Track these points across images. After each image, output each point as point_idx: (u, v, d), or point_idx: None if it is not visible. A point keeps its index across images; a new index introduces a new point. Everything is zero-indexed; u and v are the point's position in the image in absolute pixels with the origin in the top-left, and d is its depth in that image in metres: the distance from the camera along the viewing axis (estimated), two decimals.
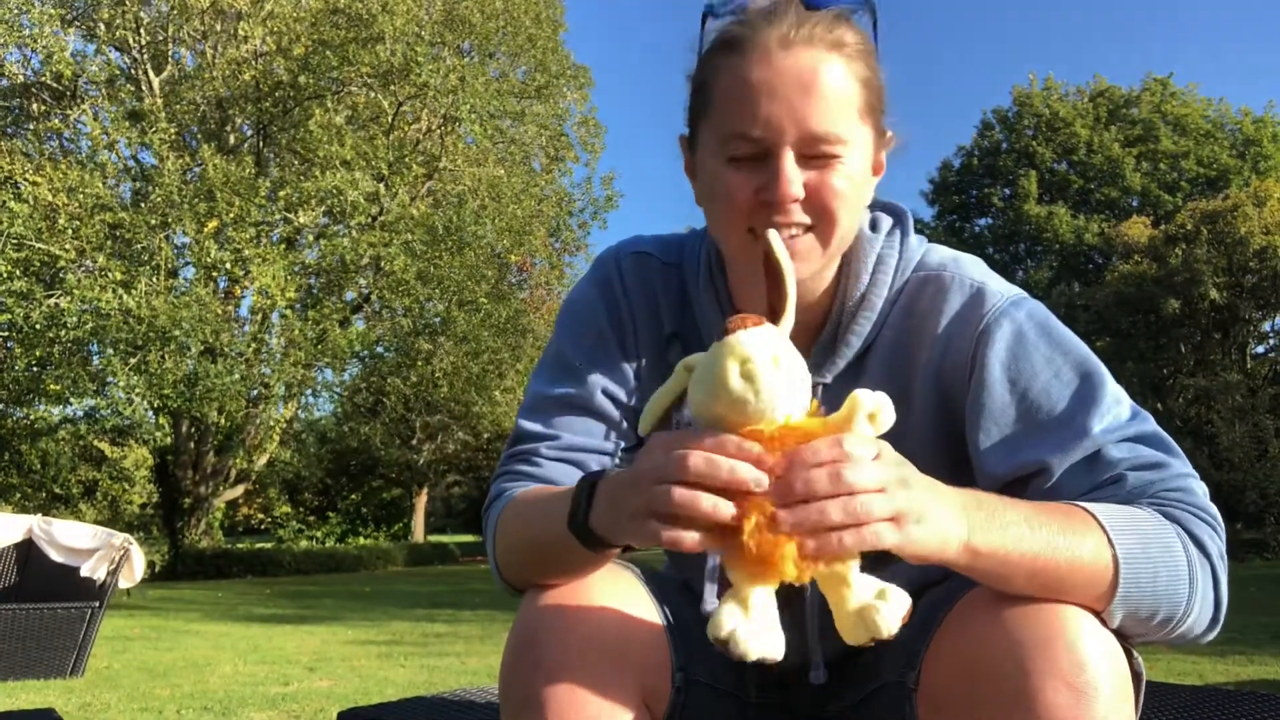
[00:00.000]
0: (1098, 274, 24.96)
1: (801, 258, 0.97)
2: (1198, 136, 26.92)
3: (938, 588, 1.02)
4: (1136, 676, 0.86)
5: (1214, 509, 0.92)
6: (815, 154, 0.95)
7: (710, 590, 1.10)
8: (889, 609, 0.76)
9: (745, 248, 0.99)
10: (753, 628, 0.76)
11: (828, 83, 0.94)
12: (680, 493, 0.74)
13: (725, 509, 0.73)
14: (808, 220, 0.97)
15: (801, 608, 1.09)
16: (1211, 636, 0.92)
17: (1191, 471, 0.94)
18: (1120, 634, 0.86)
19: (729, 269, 1.09)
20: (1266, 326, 21.82)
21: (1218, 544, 0.90)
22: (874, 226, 1.09)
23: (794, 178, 0.94)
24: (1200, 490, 0.93)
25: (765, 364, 0.75)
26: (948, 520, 0.80)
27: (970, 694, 0.84)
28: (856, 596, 0.77)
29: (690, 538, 0.74)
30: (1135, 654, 0.88)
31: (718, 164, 0.98)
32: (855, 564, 0.77)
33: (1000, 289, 1.03)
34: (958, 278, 1.04)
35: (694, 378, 0.80)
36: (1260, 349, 22.47)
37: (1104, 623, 0.84)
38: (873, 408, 0.77)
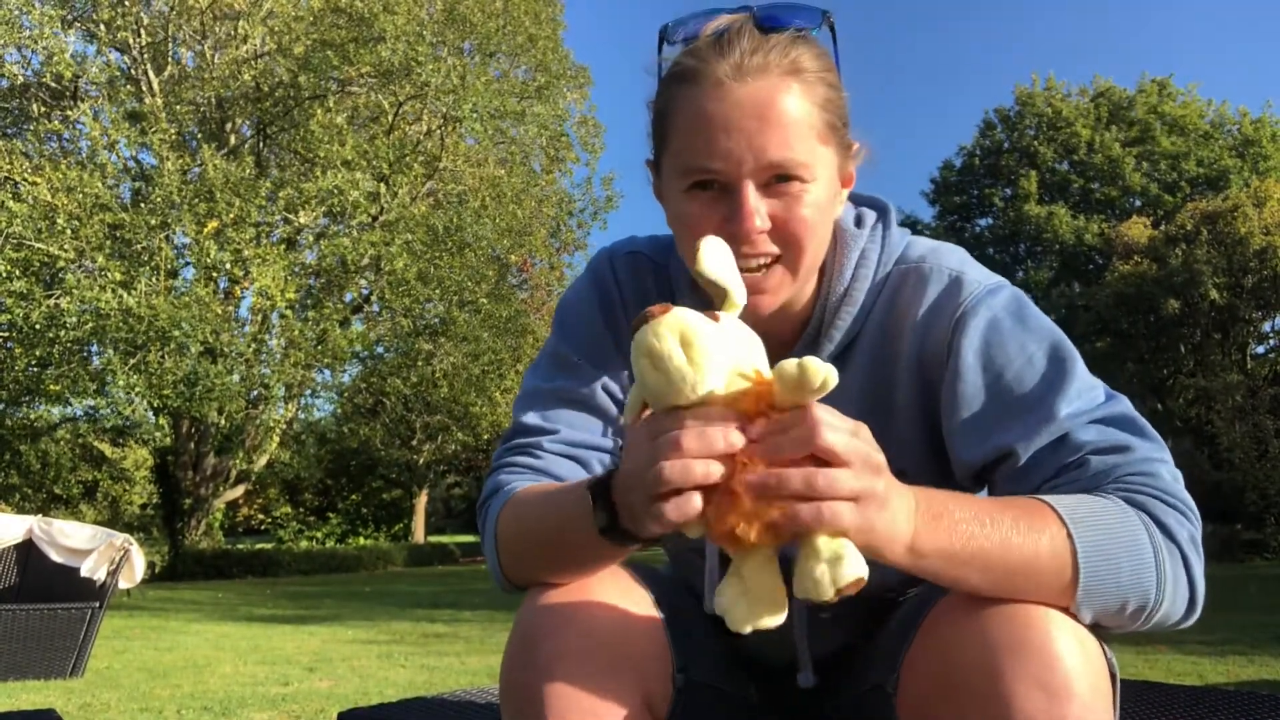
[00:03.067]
0: (1098, 274, 24.95)
1: (772, 290, 0.98)
2: (1197, 137, 26.91)
3: (920, 589, 1.02)
4: (1111, 675, 0.85)
5: (1183, 493, 0.91)
6: (777, 182, 0.95)
7: (708, 594, 1.10)
8: (828, 575, 0.74)
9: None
10: (749, 599, 0.78)
11: (785, 111, 0.93)
12: (671, 466, 0.75)
13: (716, 469, 0.75)
14: (776, 250, 0.97)
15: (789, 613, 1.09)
16: (1190, 623, 0.91)
17: (1160, 455, 0.93)
18: (1095, 628, 0.86)
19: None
20: (1266, 327, 21.82)
21: (1187, 528, 0.88)
22: (858, 222, 1.10)
23: (756, 210, 0.94)
24: (1168, 474, 0.92)
25: (670, 348, 0.77)
26: (900, 518, 0.79)
27: (946, 698, 0.84)
28: (814, 554, 0.75)
29: (694, 505, 0.75)
30: (1107, 651, 0.87)
31: (682, 199, 0.98)
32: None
33: (977, 277, 1.03)
34: (936, 268, 1.04)
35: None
36: (1260, 349, 22.47)
37: (1077, 620, 0.84)
38: (794, 373, 0.75)
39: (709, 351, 0.77)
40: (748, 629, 0.78)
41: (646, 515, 0.79)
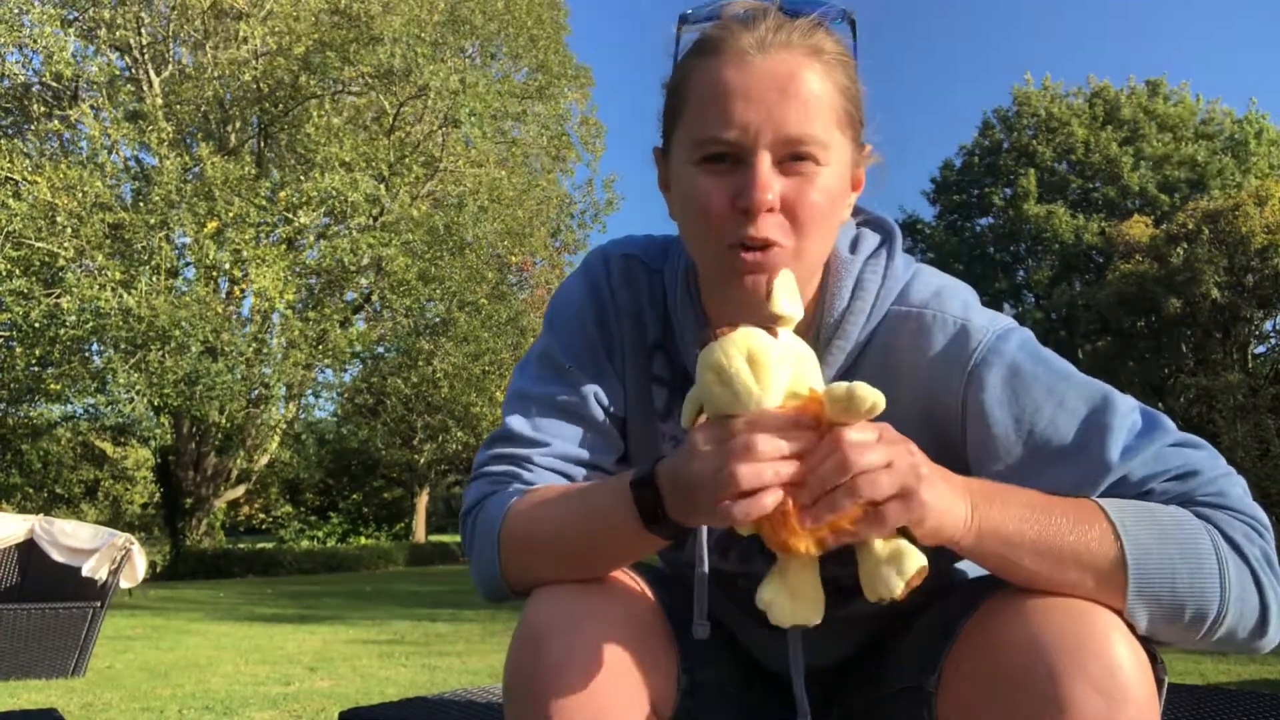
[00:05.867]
0: (1098, 273, 24.94)
1: (775, 269, 0.95)
2: (1189, 136, 26.89)
3: (958, 592, 1.00)
4: (1159, 683, 0.84)
5: (1255, 509, 0.88)
6: (792, 159, 0.93)
7: (699, 621, 1.07)
8: (893, 572, 0.79)
9: (720, 260, 0.96)
10: (790, 597, 0.83)
11: (807, 86, 0.92)
12: (746, 469, 0.78)
13: (786, 469, 0.79)
14: (782, 233, 0.94)
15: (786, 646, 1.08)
16: (1265, 645, 0.88)
17: (1225, 470, 0.90)
18: (1154, 638, 0.85)
19: (701, 279, 1.06)
20: (1268, 326, 21.77)
21: (1259, 545, 0.86)
22: (854, 247, 1.05)
23: (769, 183, 0.92)
24: (1236, 491, 0.89)
25: (739, 366, 0.81)
26: (954, 495, 0.81)
27: (995, 699, 0.83)
28: (873, 558, 0.81)
29: (763, 505, 0.78)
30: (1160, 660, 0.86)
31: (691, 169, 0.95)
32: None
33: (985, 324, 0.98)
34: (939, 316, 0.99)
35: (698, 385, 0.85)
36: (1261, 349, 22.43)
37: (1132, 627, 0.83)
38: (842, 395, 0.79)
39: (773, 370, 0.81)
40: (788, 625, 0.83)
41: (712, 513, 0.81)
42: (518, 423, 1.08)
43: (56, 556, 5.51)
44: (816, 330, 1.02)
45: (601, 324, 1.11)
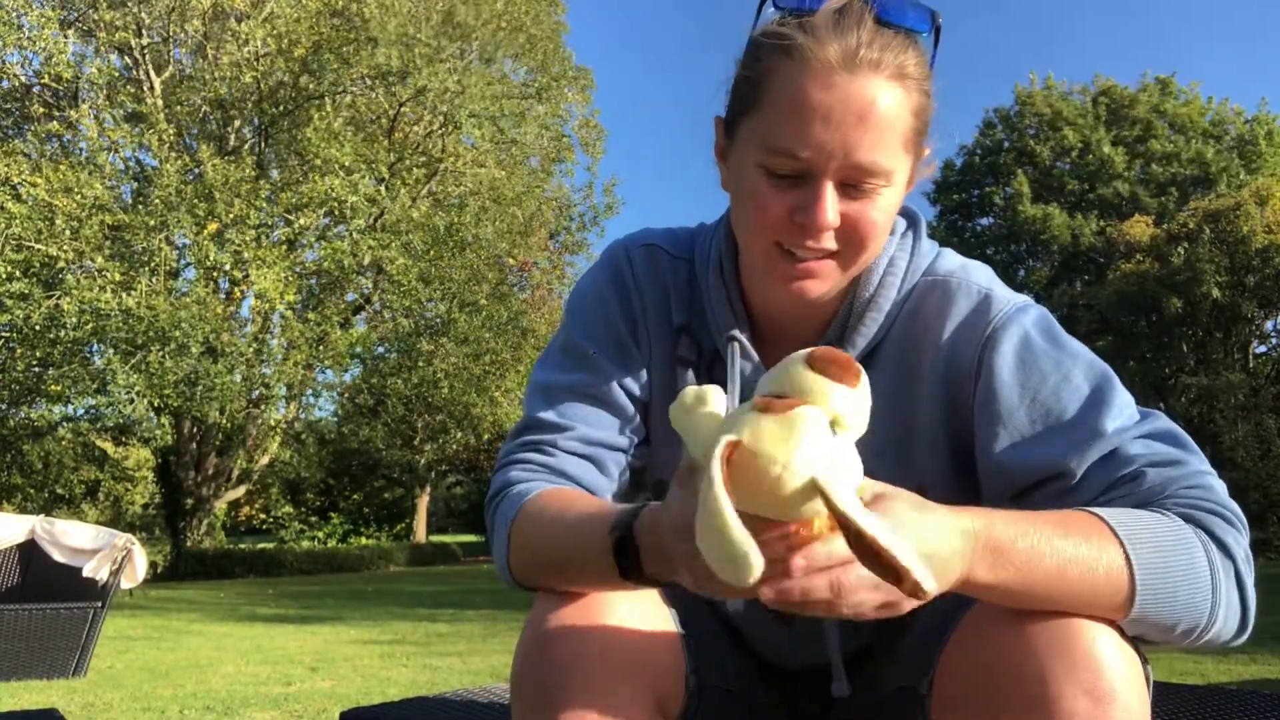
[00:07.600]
0: (1098, 273, 24.96)
1: (822, 277, 0.97)
2: (1198, 135, 26.87)
3: (952, 592, 1.01)
4: (1145, 681, 0.85)
5: (1235, 506, 0.90)
6: (857, 184, 0.94)
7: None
8: None
9: (766, 258, 0.98)
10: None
11: (884, 115, 0.92)
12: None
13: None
14: (835, 246, 0.96)
15: (819, 621, 1.08)
16: (1242, 640, 0.90)
17: (1209, 468, 0.92)
18: (1140, 640, 0.85)
19: (743, 266, 1.08)
20: (1269, 325, 21.79)
21: (1242, 544, 0.88)
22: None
23: (832, 207, 0.93)
24: (1220, 487, 0.91)
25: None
26: (953, 564, 0.77)
27: (986, 701, 0.83)
28: None
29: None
30: (1146, 660, 0.87)
31: (756, 172, 0.96)
32: None
33: (1007, 295, 1.02)
34: (964, 284, 1.03)
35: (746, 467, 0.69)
36: (1262, 348, 22.44)
37: (1122, 630, 0.83)
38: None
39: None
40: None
41: (694, 578, 0.76)
42: (541, 411, 1.10)
43: (57, 557, 5.51)
44: (850, 303, 1.05)
45: (625, 310, 1.12)
